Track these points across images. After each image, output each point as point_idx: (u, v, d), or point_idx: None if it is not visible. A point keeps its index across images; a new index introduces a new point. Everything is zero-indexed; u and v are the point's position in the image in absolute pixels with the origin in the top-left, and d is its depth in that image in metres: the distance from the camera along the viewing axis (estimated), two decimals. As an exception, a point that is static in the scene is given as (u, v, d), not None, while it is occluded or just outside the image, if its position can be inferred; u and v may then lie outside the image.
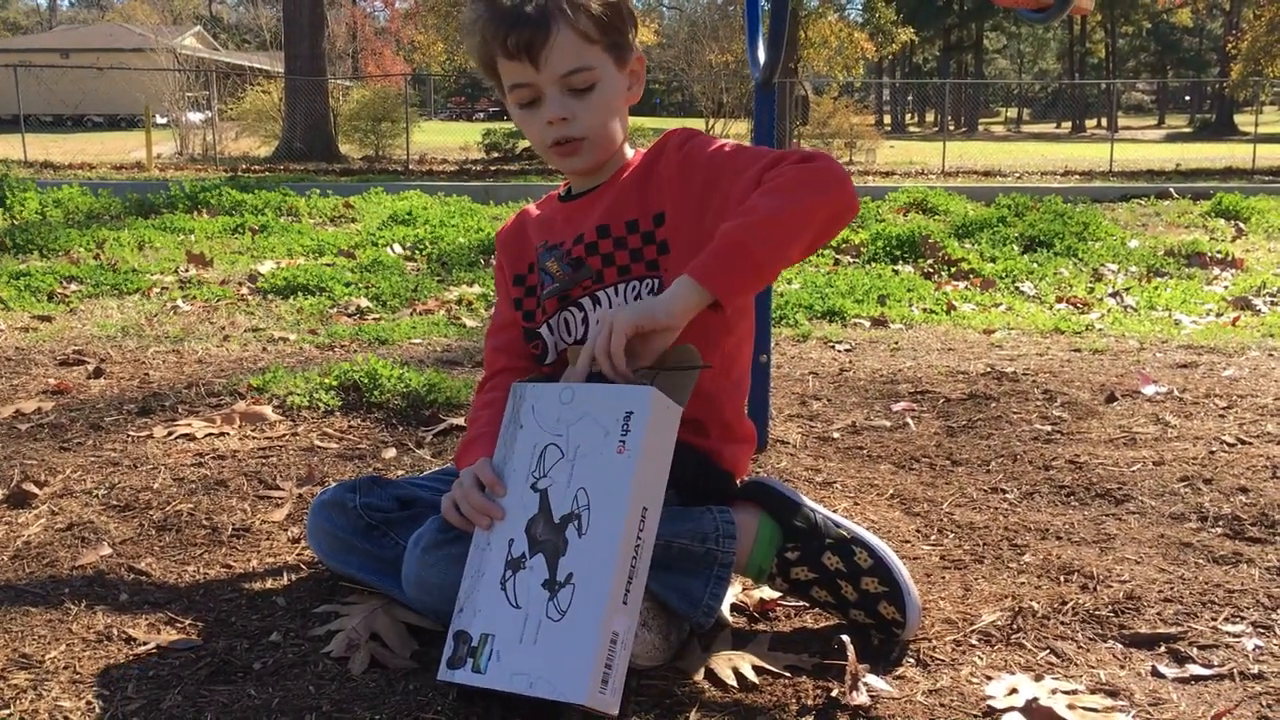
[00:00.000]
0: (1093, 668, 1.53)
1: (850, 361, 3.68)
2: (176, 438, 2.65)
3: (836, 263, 6.79)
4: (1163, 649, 1.59)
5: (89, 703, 1.43)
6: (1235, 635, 1.62)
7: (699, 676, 1.50)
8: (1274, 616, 1.68)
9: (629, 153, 1.75)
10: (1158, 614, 1.69)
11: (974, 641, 1.62)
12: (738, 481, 1.74)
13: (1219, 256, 6.91)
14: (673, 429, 1.41)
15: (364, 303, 5.07)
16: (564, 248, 1.69)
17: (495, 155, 21.33)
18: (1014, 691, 1.44)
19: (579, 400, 1.42)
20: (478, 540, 1.45)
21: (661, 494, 1.40)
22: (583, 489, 1.37)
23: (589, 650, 1.30)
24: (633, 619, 1.35)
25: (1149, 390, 3.11)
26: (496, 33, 1.56)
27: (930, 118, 62.88)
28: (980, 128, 49.96)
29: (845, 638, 1.53)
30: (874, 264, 6.68)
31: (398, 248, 7.10)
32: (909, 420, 2.90)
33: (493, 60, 1.61)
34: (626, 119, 1.72)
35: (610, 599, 1.31)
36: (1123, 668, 1.54)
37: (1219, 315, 5.03)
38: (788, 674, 1.51)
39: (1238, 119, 46.64)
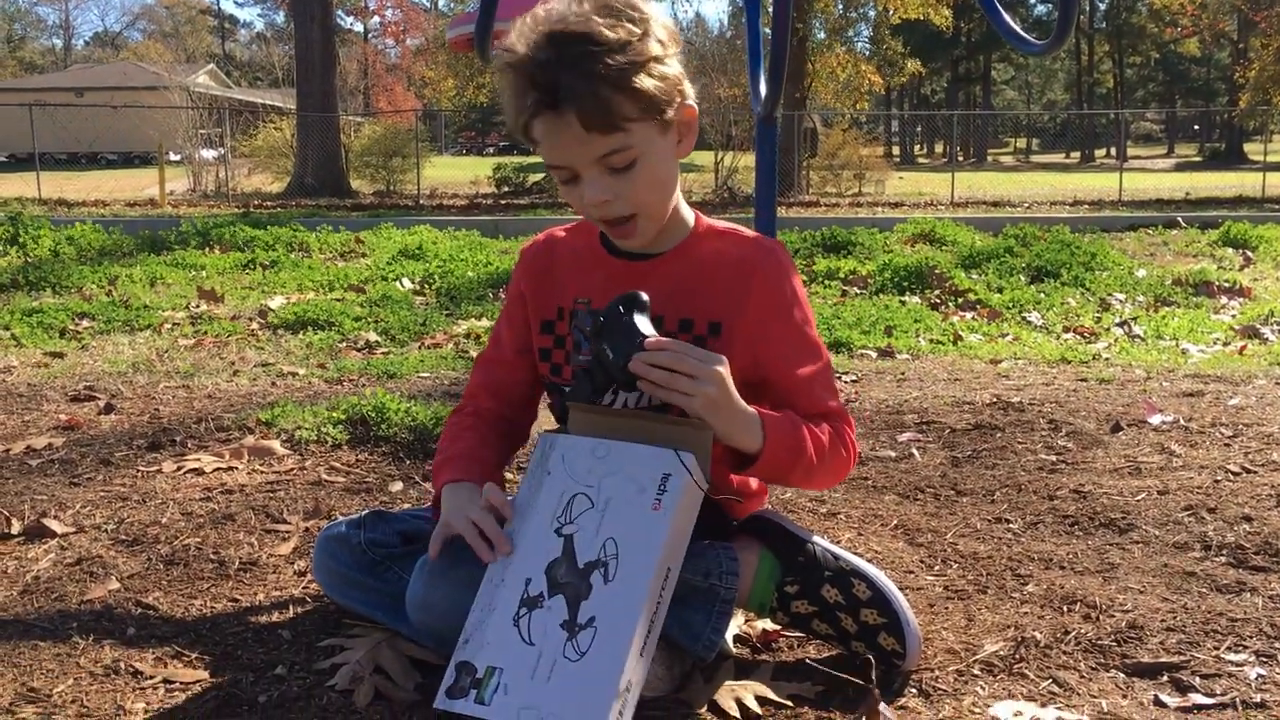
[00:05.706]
0: (1095, 697, 1.53)
1: (856, 392, 3.69)
2: (185, 472, 2.67)
3: (844, 294, 6.81)
4: (1165, 678, 1.59)
5: (95, 736, 1.45)
6: (1238, 664, 1.62)
7: (702, 708, 1.51)
8: (1277, 645, 1.68)
9: (687, 214, 1.67)
10: (1160, 643, 1.69)
11: (976, 671, 1.62)
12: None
13: (1227, 285, 6.91)
14: (697, 501, 1.47)
15: (373, 337, 5.10)
16: None
17: (506, 189, 21.48)
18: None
19: (614, 456, 1.47)
20: (491, 575, 1.46)
21: (681, 557, 1.45)
22: (611, 539, 1.41)
23: (607, 694, 1.32)
24: (646, 669, 1.39)
25: (1155, 420, 3.11)
26: (527, 113, 1.48)
27: (939, 149, 63.02)
28: (989, 158, 50.12)
29: (870, 658, 1.55)
30: (881, 295, 6.70)
31: (407, 282, 7.15)
32: (914, 451, 2.90)
33: (530, 133, 1.53)
34: (677, 173, 1.61)
35: (633, 648, 1.35)
36: (1125, 697, 1.54)
37: (1226, 344, 5.02)
38: (790, 704, 1.52)
39: (1247, 147, 46.69)
